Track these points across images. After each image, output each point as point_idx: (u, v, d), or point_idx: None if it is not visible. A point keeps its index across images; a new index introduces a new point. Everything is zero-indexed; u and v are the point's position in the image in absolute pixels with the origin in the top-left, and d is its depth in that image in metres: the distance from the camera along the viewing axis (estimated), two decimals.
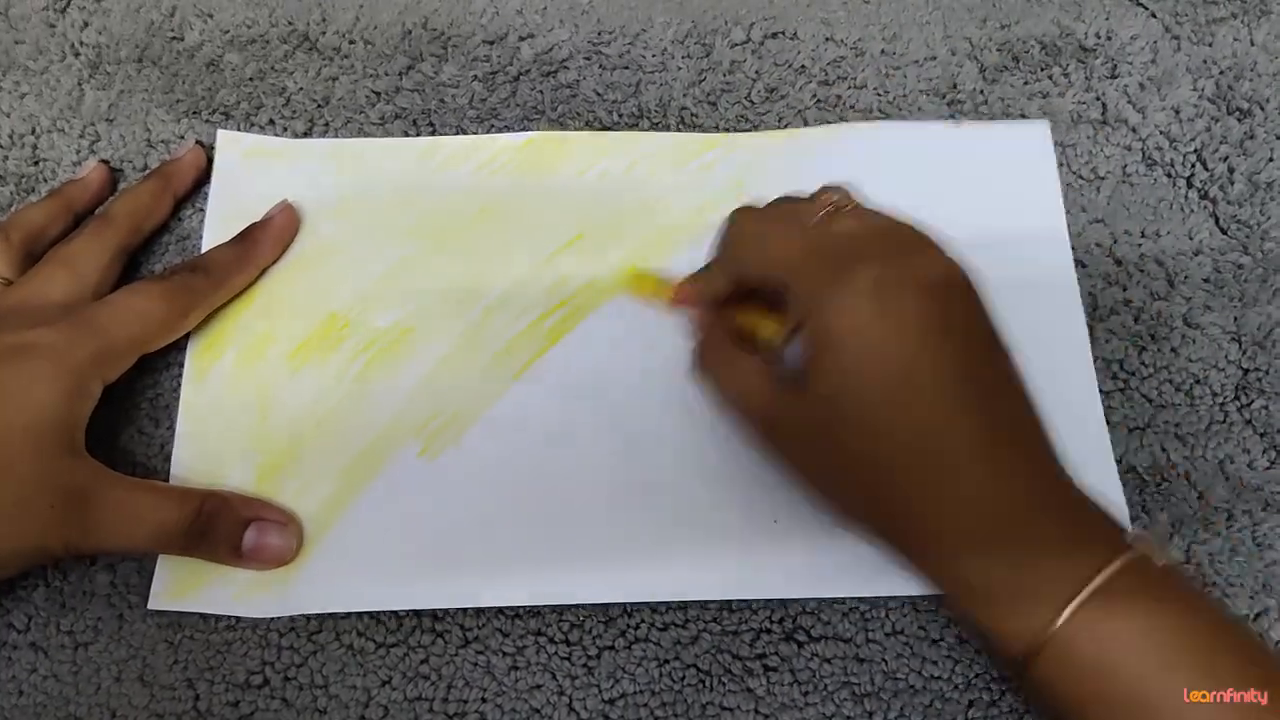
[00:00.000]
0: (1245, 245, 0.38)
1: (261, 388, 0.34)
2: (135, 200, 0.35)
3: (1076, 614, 0.24)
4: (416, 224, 0.37)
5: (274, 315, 0.35)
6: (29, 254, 0.33)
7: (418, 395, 0.34)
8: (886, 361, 0.25)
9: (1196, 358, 0.36)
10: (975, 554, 0.25)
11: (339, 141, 0.38)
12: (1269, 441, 0.35)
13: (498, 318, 0.35)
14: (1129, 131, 0.40)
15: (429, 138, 0.38)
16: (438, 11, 0.41)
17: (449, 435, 0.33)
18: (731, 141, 0.39)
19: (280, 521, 0.31)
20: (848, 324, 0.25)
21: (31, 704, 0.30)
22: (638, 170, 0.38)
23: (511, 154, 0.38)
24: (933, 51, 0.41)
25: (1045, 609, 0.24)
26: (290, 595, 0.31)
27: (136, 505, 0.29)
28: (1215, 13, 0.42)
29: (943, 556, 0.26)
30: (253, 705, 0.30)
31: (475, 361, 0.34)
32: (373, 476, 0.32)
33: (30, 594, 0.31)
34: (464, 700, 0.30)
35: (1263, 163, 0.39)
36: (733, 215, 0.30)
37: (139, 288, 0.32)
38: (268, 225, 0.35)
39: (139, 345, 0.31)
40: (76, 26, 0.40)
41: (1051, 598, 0.24)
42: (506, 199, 0.37)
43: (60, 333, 0.29)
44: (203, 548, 0.30)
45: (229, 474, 0.32)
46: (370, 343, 0.34)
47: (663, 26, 0.41)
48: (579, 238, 0.37)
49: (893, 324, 0.25)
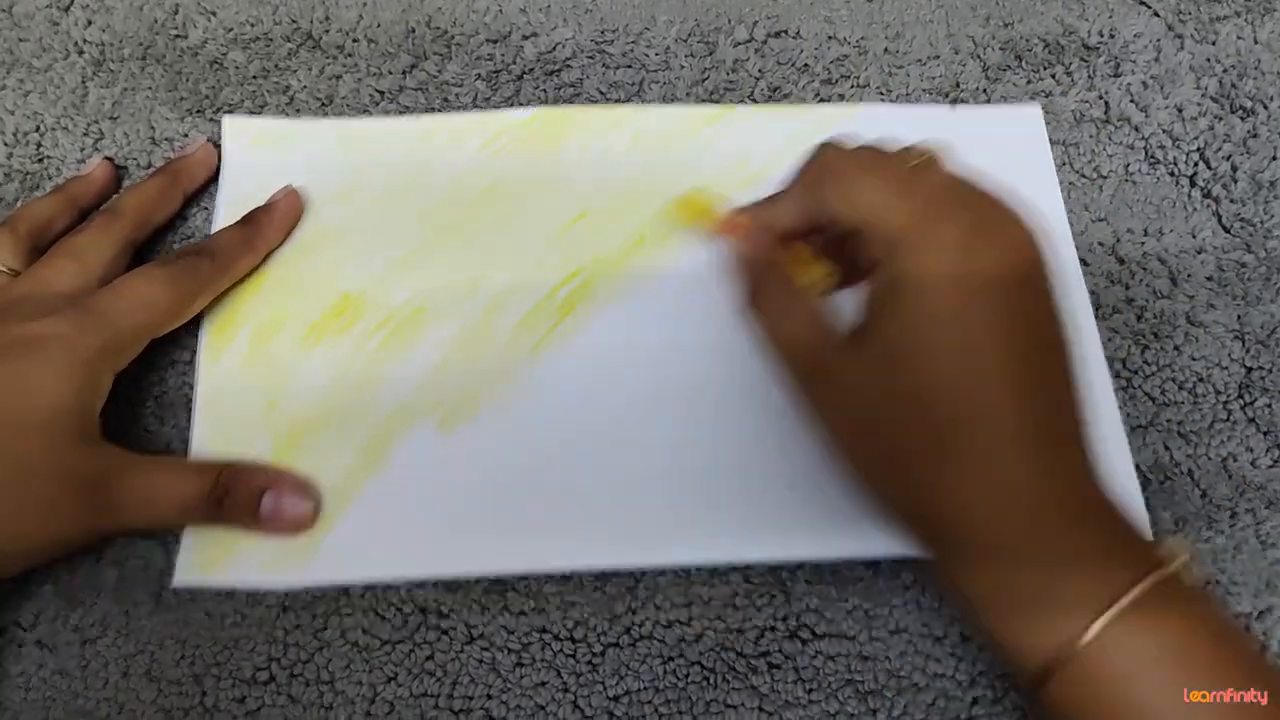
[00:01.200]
0: (1248, 244, 0.38)
1: (276, 366, 0.34)
2: (143, 194, 0.35)
3: (1106, 630, 0.23)
4: (424, 205, 0.37)
5: (287, 296, 0.35)
6: (35, 247, 0.33)
7: (433, 372, 0.34)
8: (957, 324, 0.24)
9: (1200, 356, 0.36)
10: (1006, 554, 0.24)
11: (345, 122, 0.39)
12: (1272, 440, 0.35)
13: (509, 296, 0.35)
14: (1132, 130, 0.40)
15: (432, 115, 0.39)
16: (441, 10, 0.41)
17: (465, 410, 0.34)
18: (734, 115, 0.39)
19: (297, 485, 0.31)
20: (930, 272, 0.24)
21: (39, 699, 0.30)
22: (642, 144, 0.38)
23: (515, 131, 0.38)
24: (935, 50, 0.41)
25: (1073, 622, 0.23)
26: (313, 566, 0.31)
27: (157, 482, 0.29)
28: (1218, 11, 0.42)
29: (971, 554, 0.25)
30: (259, 700, 0.30)
31: (489, 338, 0.35)
32: (391, 450, 0.33)
33: (38, 590, 0.31)
34: (469, 697, 0.30)
35: (1266, 161, 0.39)
36: (820, 147, 0.29)
37: (144, 273, 0.32)
38: (272, 209, 0.35)
39: (146, 331, 0.31)
40: (80, 24, 0.40)
41: (1081, 611, 0.23)
42: (512, 178, 0.38)
43: (68, 323, 0.29)
44: (222, 515, 0.30)
45: (247, 450, 0.33)
46: (384, 322, 0.35)
47: (666, 25, 0.41)
48: (583, 215, 0.37)
49: (973, 286, 0.24)
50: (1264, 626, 0.32)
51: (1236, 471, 0.34)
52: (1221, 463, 0.35)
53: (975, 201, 0.26)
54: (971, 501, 0.24)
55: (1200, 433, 0.35)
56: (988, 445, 0.24)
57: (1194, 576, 0.25)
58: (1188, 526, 0.33)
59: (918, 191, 0.26)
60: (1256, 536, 0.33)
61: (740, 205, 0.32)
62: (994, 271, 0.24)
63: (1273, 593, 0.33)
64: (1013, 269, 0.25)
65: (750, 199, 0.33)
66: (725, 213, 0.32)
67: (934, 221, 0.25)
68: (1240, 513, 0.34)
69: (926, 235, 0.25)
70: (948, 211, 0.25)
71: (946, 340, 0.24)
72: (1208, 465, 0.34)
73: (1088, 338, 0.36)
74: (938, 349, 0.24)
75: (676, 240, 0.36)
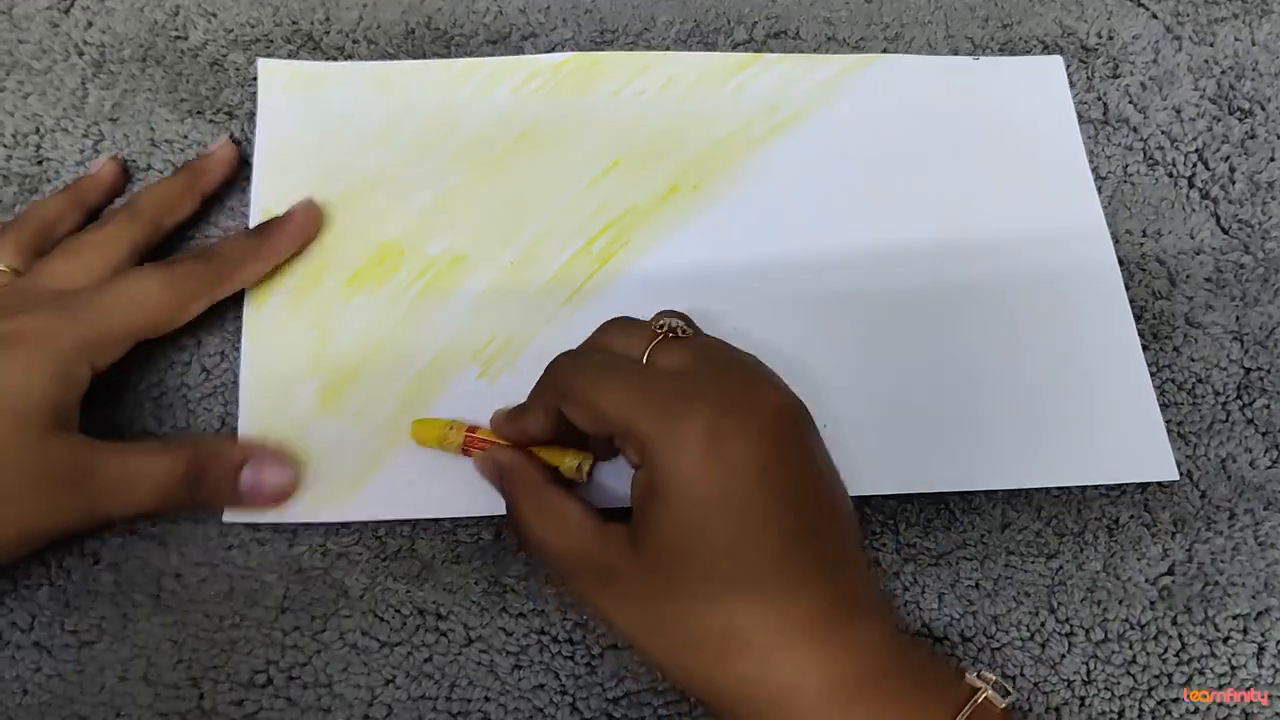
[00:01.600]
0: (1247, 245, 0.38)
1: (319, 314, 0.35)
2: (159, 194, 0.35)
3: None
4: (459, 151, 0.38)
5: (327, 245, 0.36)
6: (40, 248, 0.33)
7: (473, 320, 0.35)
8: (720, 518, 0.24)
9: (1198, 357, 0.36)
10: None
11: (378, 64, 0.39)
12: (1271, 440, 0.35)
13: (546, 244, 0.36)
14: (1130, 131, 0.40)
15: (466, 59, 0.39)
16: (441, 11, 0.41)
17: (505, 359, 0.34)
18: (765, 63, 0.40)
19: (274, 456, 0.31)
20: (683, 471, 0.24)
21: (36, 703, 0.30)
22: (673, 89, 0.39)
23: (548, 75, 0.39)
24: (935, 51, 0.41)
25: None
26: (360, 502, 0.32)
27: (132, 467, 0.29)
28: (1216, 12, 0.42)
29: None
30: (257, 704, 0.30)
31: (527, 286, 0.35)
32: (435, 396, 0.34)
33: (34, 593, 0.31)
34: (467, 699, 0.30)
35: (1264, 162, 0.39)
36: (556, 360, 0.29)
37: (140, 272, 0.32)
38: (287, 220, 0.35)
39: (133, 330, 0.31)
40: (80, 26, 0.40)
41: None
42: (545, 123, 0.38)
43: (48, 317, 0.29)
44: (201, 495, 0.30)
45: (293, 396, 0.33)
46: (424, 270, 0.36)
47: (665, 26, 0.41)
48: (617, 163, 0.38)
49: (727, 472, 0.24)
50: (1262, 628, 0.32)
51: (1235, 472, 0.34)
52: (1220, 463, 0.35)
53: (715, 379, 0.26)
54: (762, 692, 0.24)
55: (1199, 433, 0.35)
56: (769, 639, 0.24)
57: (1002, 703, 0.25)
58: (1186, 527, 0.33)
59: (655, 390, 0.26)
60: (1255, 537, 0.33)
61: (483, 423, 0.32)
62: (745, 453, 0.25)
63: (1271, 593, 0.33)
64: (763, 434, 0.25)
65: (774, 149, 0.37)
66: (462, 433, 0.31)
67: (676, 419, 0.25)
68: (1239, 513, 0.34)
69: (671, 435, 0.25)
70: (688, 404, 0.25)
71: (712, 538, 0.24)
72: (1206, 466, 0.34)
73: (1115, 300, 0.36)
74: (705, 548, 0.24)
75: (707, 190, 0.37)
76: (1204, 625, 0.32)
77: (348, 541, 0.32)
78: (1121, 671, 0.31)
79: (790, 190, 0.37)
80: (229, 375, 0.34)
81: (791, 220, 0.37)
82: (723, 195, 0.37)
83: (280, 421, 0.33)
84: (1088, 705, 0.31)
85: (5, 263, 0.32)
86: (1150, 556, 0.33)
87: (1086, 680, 0.31)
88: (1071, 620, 0.32)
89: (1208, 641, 0.32)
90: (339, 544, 0.32)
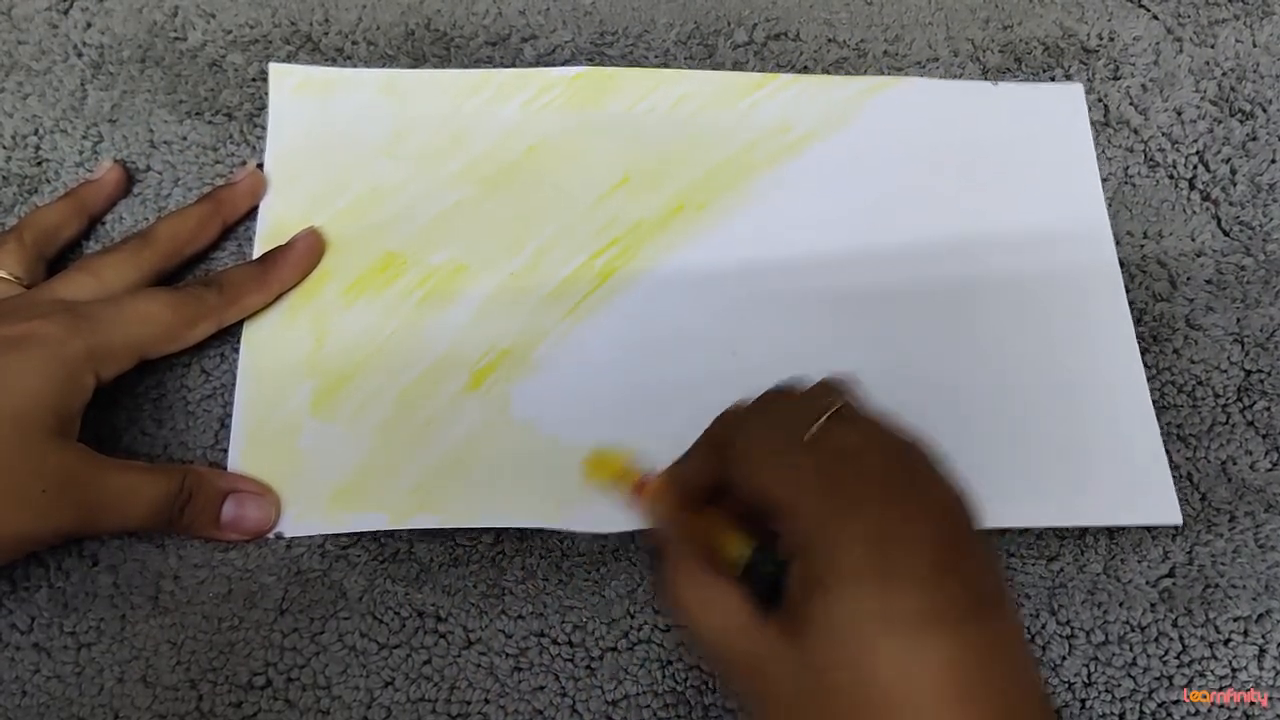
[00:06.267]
0: (1247, 247, 0.38)
1: (317, 319, 0.35)
2: (180, 224, 0.35)
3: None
4: (469, 163, 0.38)
5: (331, 254, 0.36)
6: (41, 255, 0.33)
7: (471, 331, 0.35)
8: (881, 631, 0.22)
9: (1199, 359, 0.36)
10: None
11: (390, 72, 0.39)
12: (1271, 443, 0.35)
13: (549, 258, 0.36)
14: (1131, 133, 0.40)
15: (479, 70, 0.39)
16: (440, 12, 0.41)
17: (501, 372, 0.34)
18: (777, 83, 0.40)
19: (257, 493, 0.32)
20: (846, 574, 0.23)
21: (34, 705, 0.30)
22: (685, 106, 0.39)
23: (561, 88, 0.39)
24: (935, 53, 0.41)
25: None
26: (352, 515, 0.32)
27: (128, 485, 0.30)
28: (1217, 14, 0.42)
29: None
30: (255, 706, 0.30)
31: (527, 299, 0.35)
32: (423, 404, 0.34)
33: (33, 595, 0.31)
34: (467, 702, 0.30)
35: (1265, 164, 0.39)
36: (723, 416, 0.28)
37: (148, 292, 0.32)
38: (290, 249, 0.35)
39: (138, 348, 0.31)
40: (79, 27, 0.40)
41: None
42: (555, 137, 0.38)
43: (56, 324, 0.29)
44: (184, 520, 0.31)
45: (286, 398, 0.33)
46: (424, 279, 0.36)
47: (665, 28, 0.41)
48: (626, 180, 0.38)
49: (892, 581, 0.23)
50: (1262, 630, 0.32)
51: (1235, 474, 0.34)
52: (1220, 466, 0.34)
53: (885, 461, 0.25)
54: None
55: (1199, 436, 0.35)
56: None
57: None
58: (1187, 529, 0.33)
59: (823, 467, 0.25)
60: (1255, 540, 0.33)
61: (649, 468, 0.30)
62: (911, 560, 0.23)
63: (1271, 596, 0.33)
64: (935, 540, 0.24)
65: (784, 169, 0.36)
66: (640, 473, 0.30)
67: (841, 518, 0.24)
68: (1239, 515, 0.34)
69: (836, 536, 0.23)
70: (855, 502, 0.24)
71: (870, 649, 0.23)
72: (1207, 468, 0.34)
73: (1116, 299, 0.36)
74: (861, 659, 0.23)
75: (713, 208, 0.37)
76: (1205, 627, 0.32)
77: (346, 543, 0.32)
78: (1122, 673, 0.31)
79: (798, 210, 0.37)
80: (229, 377, 0.34)
81: (797, 241, 0.37)
82: (731, 213, 0.37)
83: (273, 422, 0.33)
84: (1088, 707, 0.31)
85: (8, 270, 0.32)
86: (1151, 559, 0.33)
87: (1087, 682, 0.31)
88: (1072, 622, 0.32)
89: (1208, 644, 0.32)
90: (337, 546, 0.32)
